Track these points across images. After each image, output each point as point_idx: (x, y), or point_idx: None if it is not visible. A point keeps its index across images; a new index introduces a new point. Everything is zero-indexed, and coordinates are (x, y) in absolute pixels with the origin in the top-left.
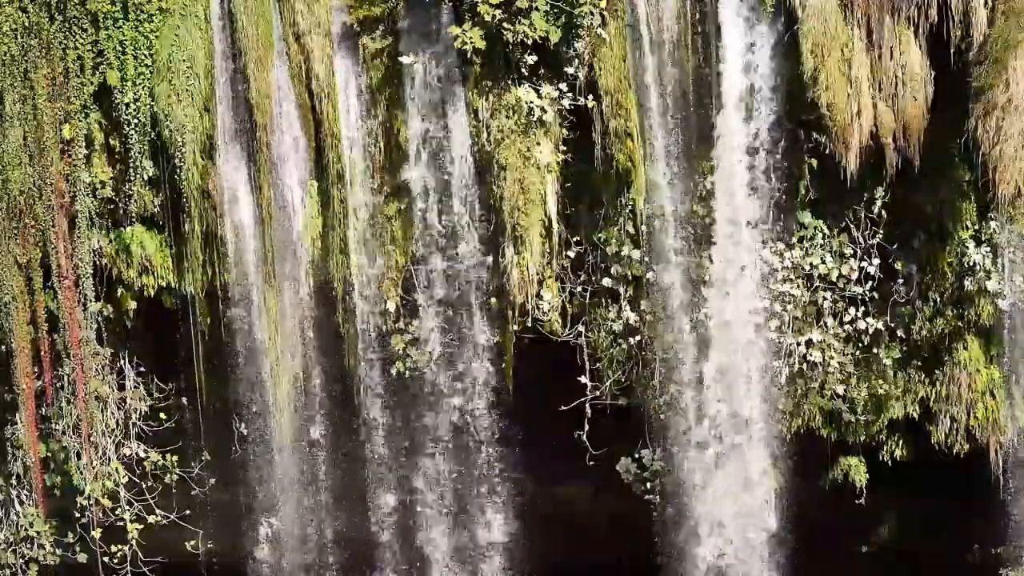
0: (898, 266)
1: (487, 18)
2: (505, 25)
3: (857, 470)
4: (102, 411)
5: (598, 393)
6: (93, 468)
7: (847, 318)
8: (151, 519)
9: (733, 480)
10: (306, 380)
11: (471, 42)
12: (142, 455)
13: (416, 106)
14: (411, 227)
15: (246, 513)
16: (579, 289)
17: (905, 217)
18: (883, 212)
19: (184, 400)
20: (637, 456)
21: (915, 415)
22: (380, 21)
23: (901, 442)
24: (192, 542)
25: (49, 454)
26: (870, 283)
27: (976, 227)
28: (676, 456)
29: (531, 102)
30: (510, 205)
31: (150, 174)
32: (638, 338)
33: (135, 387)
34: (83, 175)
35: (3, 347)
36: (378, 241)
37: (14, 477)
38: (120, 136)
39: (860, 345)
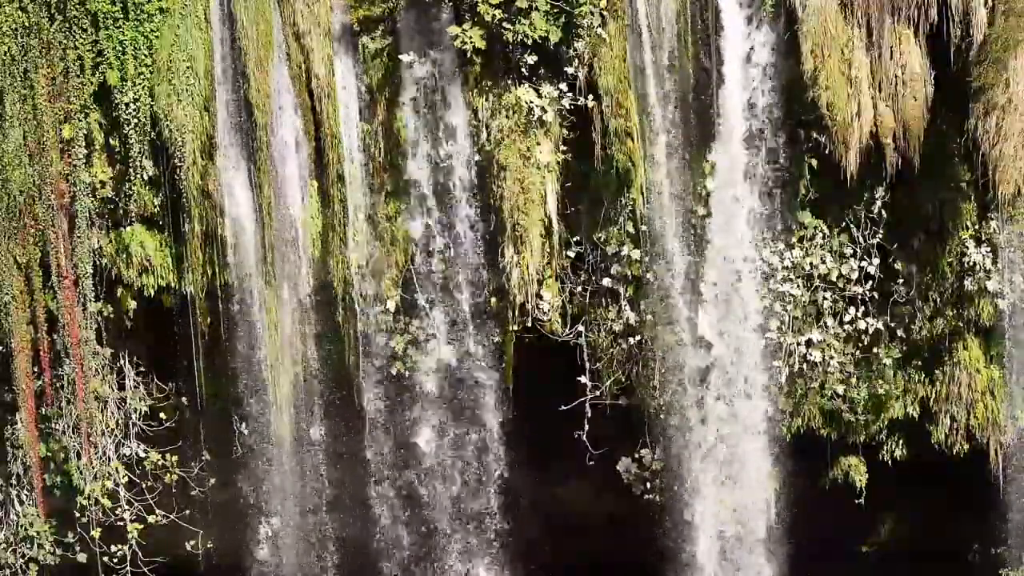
0: (898, 266)
1: (487, 18)
2: (505, 25)
3: (857, 470)
4: (102, 411)
5: (598, 393)
6: (93, 468)
7: (847, 318)
8: (151, 519)
9: (733, 480)
10: (306, 380)
11: (471, 42)
12: (142, 455)
13: (416, 106)
14: (411, 227)
15: (246, 513)
16: (579, 289)
17: (905, 217)
18: (883, 212)
19: (184, 400)
20: (637, 456)
21: (915, 415)
22: (380, 21)
23: (901, 442)
24: (192, 542)
25: (49, 454)
26: (870, 283)
27: (976, 227)
28: (676, 456)
29: (531, 102)
30: (510, 205)
31: (150, 174)
32: (638, 338)
33: (135, 387)
34: (83, 175)
35: (3, 347)
36: (378, 241)
37: (14, 477)
38: (120, 136)
39: (860, 345)
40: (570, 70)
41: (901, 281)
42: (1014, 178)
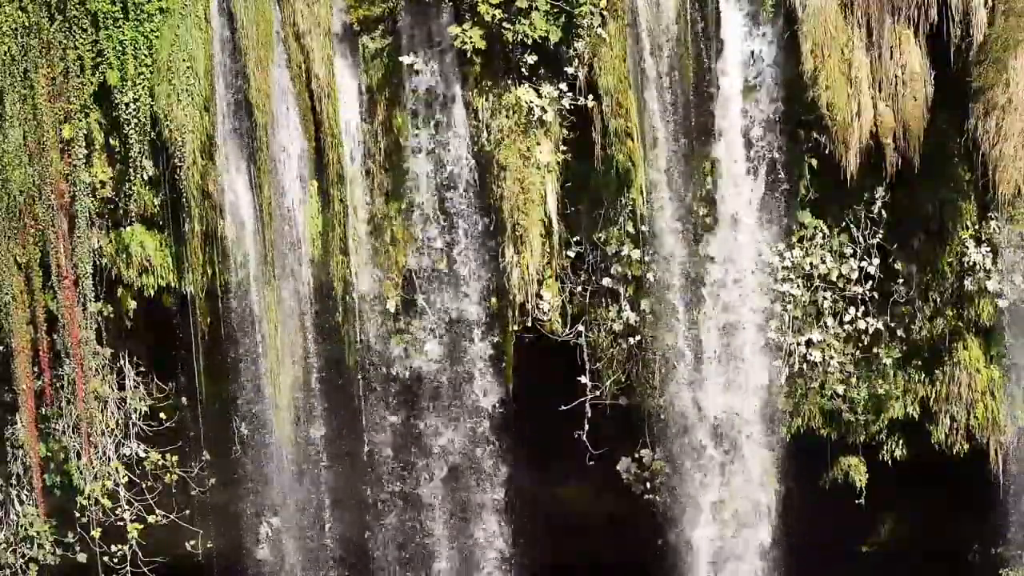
0: (898, 266)
1: (487, 18)
2: (505, 25)
3: (857, 470)
4: (102, 411)
5: (598, 393)
6: (93, 468)
7: (847, 318)
8: (151, 519)
9: (733, 480)
10: (306, 380)
11: (471, 42)
12: (142, 455)
13: (416, 106)
14: (411, 227)
15: (246, 513)
16: (579, 289)
17: (905, 217)
18: (883, 212)
19: (184, 400)
20: (637, 456)
21: (915, 415)
22: (380, 21)
23: (901, 442)
24: (192, 542)
25: (49, 454)
26: (870, 283)
27: (976, 227)
28: (676, 456)
29: (531, 102)
30: (510, 205)
31: (150, 174)
32: (638, 338)
33: (135, 387)
34: (83, 175)
35: (3, 347)
36: (378, 241)
37: (14, 477)
38: (120, 136)
39: (860, 345)
40: (570, 70)
41: (901, 281)
42: (1014, 178)
